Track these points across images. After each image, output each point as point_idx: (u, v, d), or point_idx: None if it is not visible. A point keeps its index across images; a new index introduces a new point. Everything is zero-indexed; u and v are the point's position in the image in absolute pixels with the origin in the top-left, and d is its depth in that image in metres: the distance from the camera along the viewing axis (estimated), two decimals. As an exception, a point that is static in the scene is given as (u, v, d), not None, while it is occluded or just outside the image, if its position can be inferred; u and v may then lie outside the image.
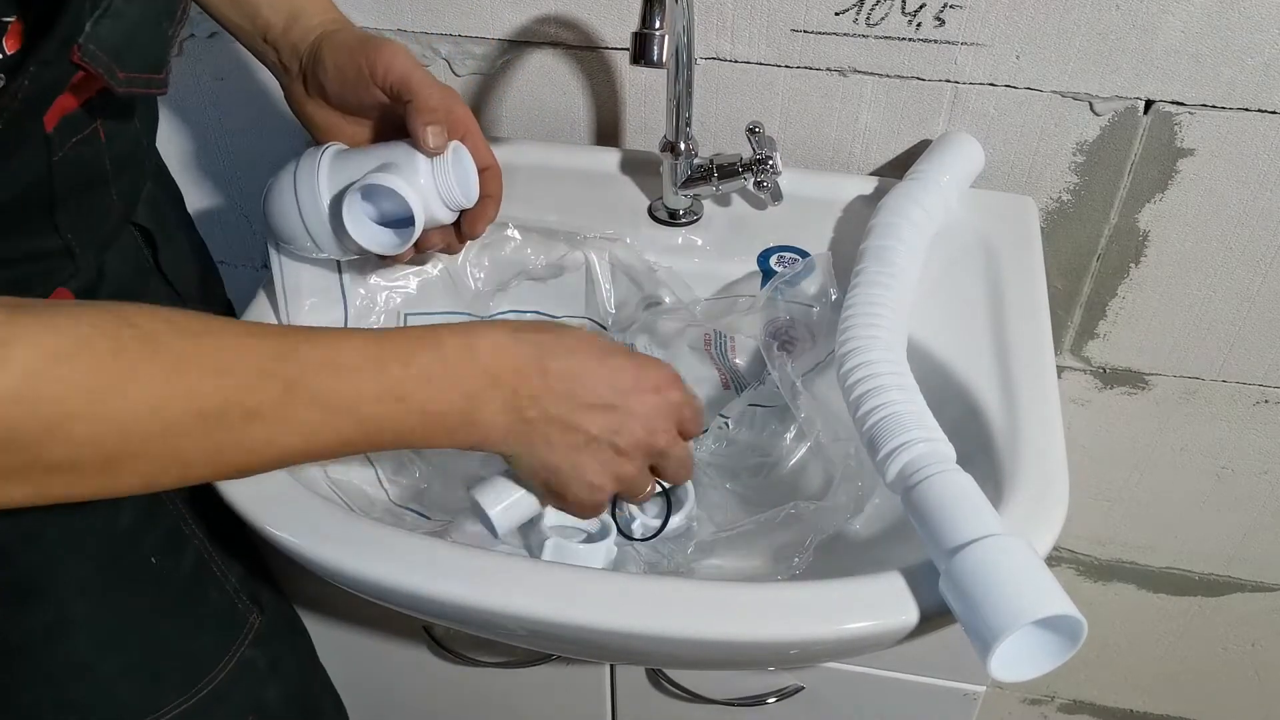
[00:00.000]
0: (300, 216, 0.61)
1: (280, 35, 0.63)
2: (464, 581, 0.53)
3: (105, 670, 0.58)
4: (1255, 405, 0.90)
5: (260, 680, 0.66)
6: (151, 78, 0.49)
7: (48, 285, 0.52)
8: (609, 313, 0.74)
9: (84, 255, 0.53)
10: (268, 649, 0.67)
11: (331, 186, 0.61)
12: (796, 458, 0.69)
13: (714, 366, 0.74)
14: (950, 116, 0.78)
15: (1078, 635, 0.46)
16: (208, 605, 0.63)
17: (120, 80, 0.46)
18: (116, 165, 0.54)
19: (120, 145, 0.53)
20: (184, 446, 0.42)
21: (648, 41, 0.59)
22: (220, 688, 0.63)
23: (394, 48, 0.60)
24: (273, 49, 0.64)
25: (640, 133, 0.85)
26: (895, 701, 0.73)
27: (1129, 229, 0.81)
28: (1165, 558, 1.06)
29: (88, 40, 0.43)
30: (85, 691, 0.58)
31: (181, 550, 0.61)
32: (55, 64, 0.43)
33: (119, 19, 0.45)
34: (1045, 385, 0.62)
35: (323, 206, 0.61)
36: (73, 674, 0.57)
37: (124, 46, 0.46)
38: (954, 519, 0.50)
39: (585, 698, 0.80)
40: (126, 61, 0.46)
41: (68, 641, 0.57)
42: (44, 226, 0.50)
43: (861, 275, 0.66)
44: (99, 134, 0.51)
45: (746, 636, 0.51)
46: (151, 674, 0.60)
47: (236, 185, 0.99)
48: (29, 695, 0.57)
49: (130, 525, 0.58)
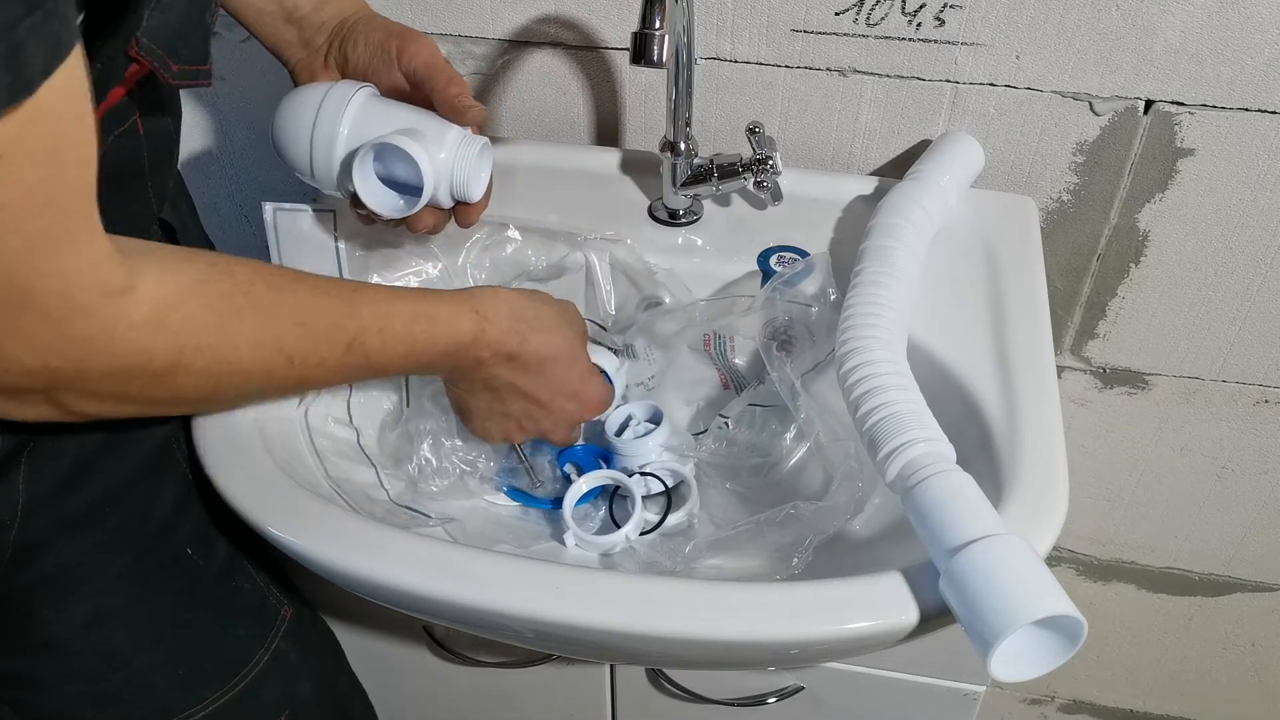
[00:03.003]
0: (310, 146, 0.61)
1: (309, 14, 0.65)
2: (464, 581, 0.53)
3: (143, 663, 0.59)
4: (1255, 405, 0.90)
5: (293, 674, 0.66)
6: (199, 69, 0.50)
7: None
8: (609, 313, 0.74)
9: None
10: (299, 643, 0.67)
11: (352, 131, 0.61)
12: (796, 458, 0.69)
13: (714, 366, 0.74)
14: (950, 116, 0.78)
15: (1078, 635, 0.46)
16: (241, 598, 0.64)
17: (174, 73, 0.47)
18: (153, 159, 0.54)
19: (156, 139, 0.54)
20: (269, 380, 0.50)
21: (648, 41, 0.59)
22: (255, 681, 0.63)
23: (425, 40, 0.63)
24: (295, 27, 0.65)
25: (640, 133, 0.85)
26: (895, 701, 0.73)
27: (1129, 229, 0.81)
28: (1165, 558, 1.06)
29: (144, 34, 0.44)
30: (124, 685, 0.58)
31: (214, 542, 0.62)
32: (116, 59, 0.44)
33: (168, 12, 0.46)
34: (1045, 385, 0.62)
35: (336, 146, 0.61)
36: (111, 667, 0.58)
37: (175, 39, 0.47)
38: (954, 519, 0.50)
39: (585, 698, 0.80)
40: (178, 54, 0.48)
41: (106, 634, 0.57)
42: None
43: (861, 275, 0.66)
44: (138, 127, 0.52)
45: (746, 636, 0.51)
46: (189, 667, 0.61)
47: (236, 185, 0.99)
48: (69, 689, 0.57)
49: (165, 517, 0.58)
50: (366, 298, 0.53)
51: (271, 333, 0.48)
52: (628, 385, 0.72)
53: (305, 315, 0.50)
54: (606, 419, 0.69)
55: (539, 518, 0.69)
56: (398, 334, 0.54)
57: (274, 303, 0.48)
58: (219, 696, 0.62)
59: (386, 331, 0.53)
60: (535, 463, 0.69)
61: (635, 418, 0.70)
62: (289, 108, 0.62)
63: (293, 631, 0.66)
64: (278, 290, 0.49)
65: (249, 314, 0.47)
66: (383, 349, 0.53)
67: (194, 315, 0.44)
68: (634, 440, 0.68)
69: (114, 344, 0.42)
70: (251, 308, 0.47)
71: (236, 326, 0.46)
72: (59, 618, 0.56)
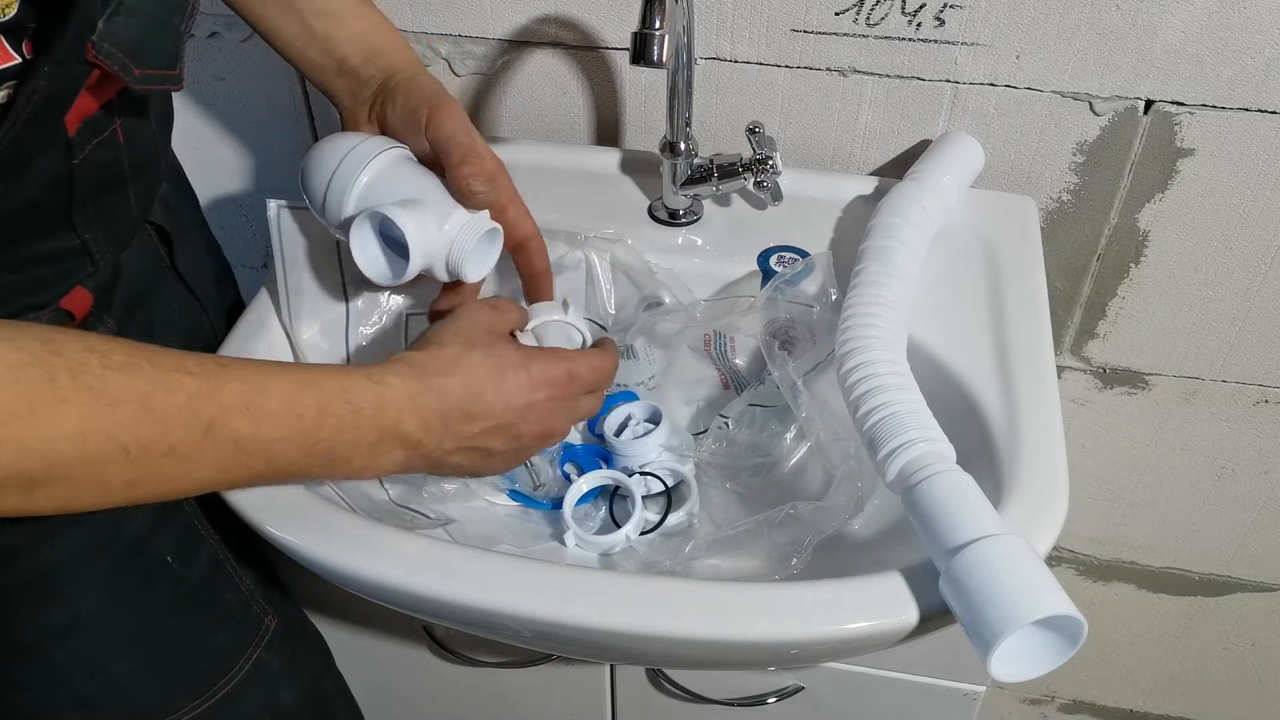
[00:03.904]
0: (325, 195, 0.61)
1: (358, 67, 0.64)
2: (464, 581, 0.53)
3: (119, 670, 0.58)
4: (1255, 405, 0.90)
5: (275, 683, 0.66)
6: (167, 74, 0.49)
7: (66, 284, 0.52)
8: (609, 313, 0.74)
9: (102, 255, 0.54)
10: (282, 651, 0.67)
11: (364, 192, 0.61)
12: (796, 458, 0.69)
13: (714, 366, 0.75)
14: (950, 116, 0.78)
15: (1078, 635, 0.46)
16: (222, 606, 0.63)
17: (136, 77, 0.46)
18: (135, 166, 0.54)
19: (139, 146, 0.54)
20: (104, 474, 0.42)
21: (648, 41, 0.59)
22: (235, 690, 0.63)
23: (453, 109, 0.61)
24: (346, 79, 0.65)
25: (640, 133, 0.85)
26: (895, 701, 0.73)
27: (1129, 229, 0.81)
28: (1165, 558, 1.06)
29: (101, 38, 0.44)
30: (99, 691, 0.58)
31: (197, 549, 0.62)
32: (70, 63, 0.43)
33: (132, 15, 0.45)
34: (1045, 385, 0.62)
35: (346, 204, 0.61)
36: (87, 673, 0.57)
37: (139, 43, 0.46)
38: (954, 519, 0.50)
39: (585, 698, 0.80)
40: (141, 58, 0.47)
41: (82, 640, 0.57)
42: (62, 227, 0.50)
43: (861, 275, 0.66)
44: (118, 135, 0.51)
45: (746, 636, 0.51)
46: (167, 675, 0.60)
47: (237, 185, 0.99)
48: (43, 694, 0.57)
49: (146, 523, 0.58)
50: (235, 372, 0.46)
51: (106, 419, 0.41)
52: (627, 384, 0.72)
53: (152, 397, 0.42)
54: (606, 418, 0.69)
55: (539, 518, 0.69)
56: (273, 412, 0.46)
57: (109, 385, 0.41)
58: (198, 704, 0.61)
59: (259, 409, 0.45)
60: (535, 463, 0.69)
61: (635, 418, 0.70)
62: (317, 152, 0.62)
63: (276, 640, 0.66)
64: (117, 369, 0.41)
65: (74, 399, 0.40)
66: (256, 432, 0.45)
67: (2, 404, 0.38)
68: (634, 440, 0.68)
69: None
70: (78, 392, 0.40)
71: (54, 414, 0.39)
72: (35, 622, 0.55)
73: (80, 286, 0.53)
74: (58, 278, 0.52)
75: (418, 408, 0.51)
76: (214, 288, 0.70)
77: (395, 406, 0.50)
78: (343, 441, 0.49)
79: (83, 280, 0.53)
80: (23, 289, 0.50)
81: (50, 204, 0.49)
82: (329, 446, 0.48)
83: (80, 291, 0.53)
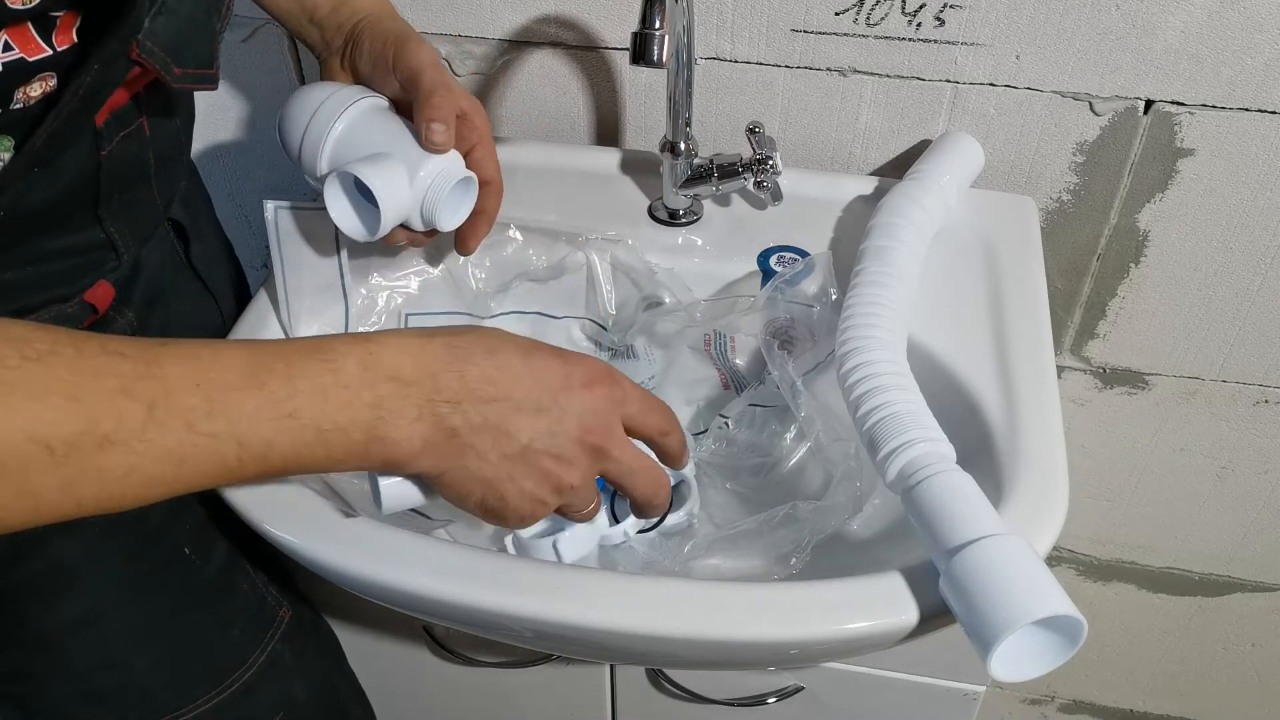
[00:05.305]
0: (300, 149, 0.61)
1: (326, 16, 0.64)
2: (464, 581, 0.53)
3: (135, 663, 0.59)
4: (1255, 405, 0.90)
5: (289, 677, 0.66)
6: (204, 73, 0.50)
7: (90, 277, 0.53)
8: (609, 314, 0.74)
9: (126, 249, 0.54)
10: (296, 646, 0.67)
11: (337, 146, 0.61)
12: (796, 458, 0.69)
13: (714, 366, 0.75)
14: (950, 116, 0.78)
15: (1078, 635, 0.46)
16: (238, 599, 0.63)
17: (176, 76, 0.47)
18: (159, 161, 0.54)
19: (163, 141, 0.54)
20: (30, 482, 0.36)
21: (648, 41, 0.59)
22: (250, 683, 0.63)
23: (420, 47, 0.60)
24: (317, 28, 0.65)
25: (640, 133, 0.85)
26: (895, 701, 0.73)
27: (1129, 229, 0.81)
28: (1165, 558, 1.06)
29: (146, 37, 0.44)
30: (116, 683, 0.58)
31: (214, 542, 0.62)
32: (116, 62, 0.44)
33: (173, 16, 0.46)
34: (1045, 385, 0.62)
35: (320, 158, 0.61)
36: (103, 666, 0.58)
37: (178, 43, 0.47)
38: (954, 519, 0.50)
39: (585, 698, 0.80)
40: (182, 58, 0.47)
41: (98, 633, 0.57)
42: (88, 220, 0.51)
43: (861, 275, 0.66)
44: (144, 129, 0.52)
45: (746, 636, 0.51)
46: (182, 667, 0.61)
47: (236, 185, 0.99)
48: (62, 686, 0.57)
49: (162, 517, 0.58)
50: (177, 351, 0.39)
51: (22, 415, 0.35)
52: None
53: (78, 386, 0.36)
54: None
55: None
56: (230, 384, 0.39)
57: (27, 377, 0.35)
58: (212, 697, 0.61)
59: (211, 384, 0.38)
60: None
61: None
62: (292, 104, 0.62)
63: (290, 633, 0.66)
64: (37, 359, 0.36)
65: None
66: (211, 409, 0.38)
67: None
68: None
69: None
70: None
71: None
72: (51, 615, 0.55)
73: (104, 280, 0.53)
74: (82, 270, 0.52)
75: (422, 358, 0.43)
76: (228, 285, 0.70)
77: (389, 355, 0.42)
78: (329, 407, 0.41)
79: (108, 274, 0.54)
80: (48, 281, 0.50)
81: (78, 197, 0.49)
82: (313, 417, 0.40)
83: (104, 285, 0.53)
